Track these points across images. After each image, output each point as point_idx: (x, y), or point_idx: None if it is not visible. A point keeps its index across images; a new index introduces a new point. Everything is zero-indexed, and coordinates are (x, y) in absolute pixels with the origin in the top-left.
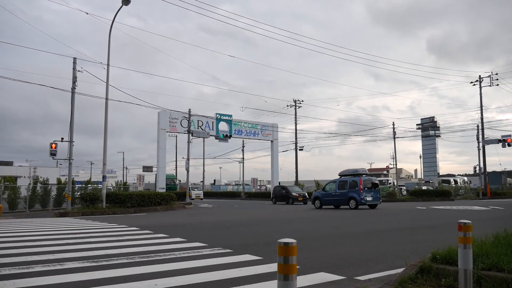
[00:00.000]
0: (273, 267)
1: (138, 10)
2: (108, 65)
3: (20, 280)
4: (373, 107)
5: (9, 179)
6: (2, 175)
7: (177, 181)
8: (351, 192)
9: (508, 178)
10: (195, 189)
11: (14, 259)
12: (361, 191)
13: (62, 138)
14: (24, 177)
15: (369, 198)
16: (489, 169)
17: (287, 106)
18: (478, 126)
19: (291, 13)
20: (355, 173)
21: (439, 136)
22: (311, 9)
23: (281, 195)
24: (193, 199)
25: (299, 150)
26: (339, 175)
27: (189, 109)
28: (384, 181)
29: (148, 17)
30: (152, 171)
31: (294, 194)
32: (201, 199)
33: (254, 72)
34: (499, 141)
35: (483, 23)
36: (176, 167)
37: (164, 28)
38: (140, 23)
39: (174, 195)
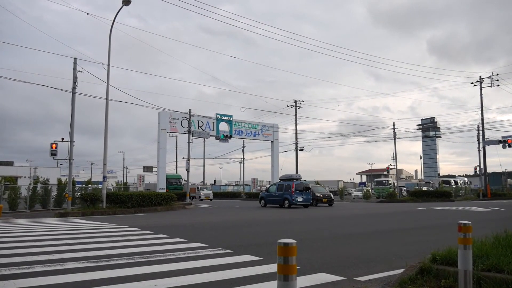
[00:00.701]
0: (273, 267)
1: (139, 11)
2: (108, 65)
3: (20, 280)
4: (373, 107)
5: (10, 179)
6: (2, 175)
7: (183, 181)
8: (286, 193)
9: (508, 179)
10: (204, 189)
11: (15, 259)
12: (293, 193)
13: (63, 138)
14: (25, 177)
15: (299, 199)
16: (489, 170)
17: (288, 106)
18: (478, 127)
19: (292, 13)
20: (291, 178)
21: (440, 136)
22: (312, 9)
23: None
24: (202, 199)
25: (300, 150)
26: (279, 179)
27: (190, 109)
28: (384, 181)
29: (148, 17)
30: (152, 171)
31: (317, 194)
32: (211, 199)
33: (254, 72)
34: (499, 142)
35: (484, 24)
36: (176, 168)
37: (164, 28)
38: (140, 23)
39: (174, 195)
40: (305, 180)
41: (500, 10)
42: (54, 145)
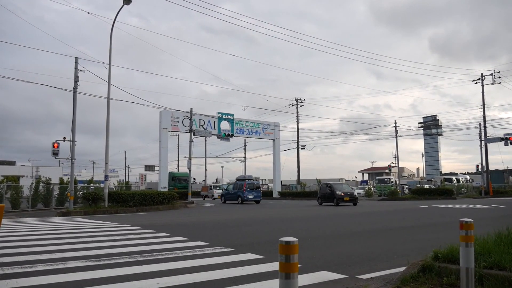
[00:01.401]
0: (275, 265)
1: (140, 10)
2: (110, 64)
3: (22, 279)
4: (375, 105)
5: (12, 178)
6: (4, 174)
7: (193, 180)
8: (239, 192)
9: (510, 177)
10: (217, 188)
11: (17, 258)
12: (245, 191)
13: (64, 138)
14: (27, 176)
15: (250, 196)
16: (491, 167)
17: (289, 105)
18: (480, 124)
19: (293, 12)
20: (244, 179)
21: (441, 134)
22: (313, 7)
23: (327, 194)
24: (215, 198)
25: (301, 149)
26: (235, 179)
27: (191, 108)
28: (386, 179)
29: (149, 17)
30: (154, 170)
31: (338, 193)
32: None
33: (256, 71)
34: (501, 139)
35: (486, 21)
36: (178, 166)
37: (165, 27)
38: (141, 22)
39: (176, 194)
40: (257, 180)
41: (501, 7)
42: (56, 145)
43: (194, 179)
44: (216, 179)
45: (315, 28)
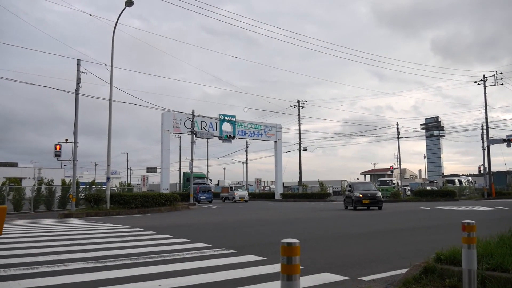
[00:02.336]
0: (276, 267)
1: (140, 11)
2: (112, 66)
3: (25, 281)
4: (376, 107)
5: (14, 180)
6: (7, 176)
7: (209, 181)
8: (194, 193)
9: None
10: (239, 190)
11: (19, 260)
12: (198, 193)
13: (67, 140)
14: (29, 178)
15: (202, 197)
16: (494, 169)
17: (291, 106)
18: (482, 126)
19: (294, 13)
20: (200, 183)
21: (444, 136)
22: (314, 8)
23: (348, 196)
24: (237, 201)
25: (303, 150)
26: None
27: (193, 110)
28: (388, 181)
29: (150, 18)
30: (156, 172)
31: (356, 194)
32: (246, 201)
33: (257, 72)
34: (504, 140)
35: (488, 23)
36: (180, 168)
37: (166, 28)
38: (142, 24)
39: (177, 195)
40: (209, 183)
41: (504, 9)
42: (58, 146)
43: (211, 180)
44: (218, 181)
45: (316, 29)
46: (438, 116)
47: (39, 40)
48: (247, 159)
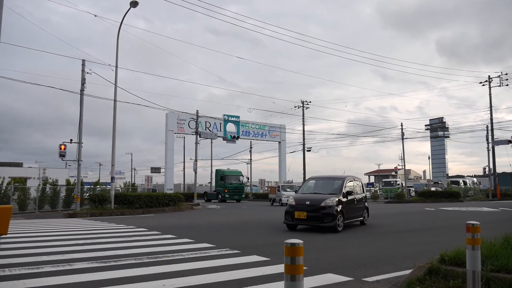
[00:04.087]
0: (280, 268)
1: (145, 12)
2: (116, 67)
3: (30, 280)
4: (381, 107)
5: (19, 180)
6: (12, 176)
7: (245, 179)
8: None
9: None
10: (288, 189)
11: (24, 260)
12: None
13: (71, 140)
14: (34, 178)
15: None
16: (499, 170)
17: (295, 107)
18: (487, 127)
19: (298, 14)
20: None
21: (448, 137)
22: (318, 9)
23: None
24: (283, 204)
25: (307, 151)
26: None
27: (197, 111)
28: (392, 182)
29: (154, 19)
30: (160, 172)
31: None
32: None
33: (262, 73)
34: (509, 141)
35: (494, 23)
36: (184, 168)
37: (170, 29)
38: (146, 25)
39: (181, 196)
40: (246, 181)
41: (509, 9)
42: (63, 147)
43: (248, 178)
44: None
45: (320, 29)
46: (442, 117)
47: (44, 41)
48: (251, 159)
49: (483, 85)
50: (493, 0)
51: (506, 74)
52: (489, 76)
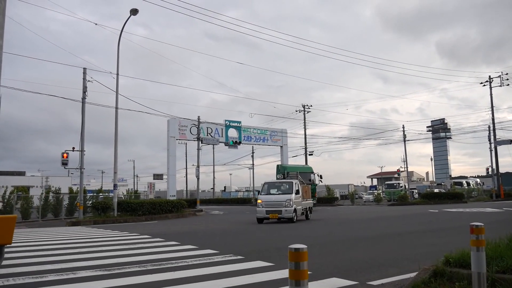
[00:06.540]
0: (285, 273)
1: (144, 18)
2: (117, 74)
3: None
4: (382, 110)
5: (22, 189)
6: (15, 185)
7: (318, 177)
8: None
9: None
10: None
11: (28, 269)
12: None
13: (73, 148)
14: (37, 186)
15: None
16: (502, 170)
17: (296, 111)
18: (489, 127)
19: (297, 17)
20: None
21: (450, 138)
22: (318, 12)
23: None
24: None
25: (309, 155)
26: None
27: (198, 116)
28: (395, 184)
29: (153, 25)
30: (162, 179)
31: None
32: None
33: (262, 77)
34: (511, 141)
35: (494, 24)
36: (186, 174)
37: (169, 35)
38: (146, 31)
39: (184, 202)
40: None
41: (509, 10)
42: (65, 155)
43: (320, 176)
44: (225, 187)
45: (320, 33)
46: (444, 118)
47: (44, 50)
48: (253, 164)
49: (484, 85)
50: (493, 1)
51: (507, 74)
52: (489, 76)
